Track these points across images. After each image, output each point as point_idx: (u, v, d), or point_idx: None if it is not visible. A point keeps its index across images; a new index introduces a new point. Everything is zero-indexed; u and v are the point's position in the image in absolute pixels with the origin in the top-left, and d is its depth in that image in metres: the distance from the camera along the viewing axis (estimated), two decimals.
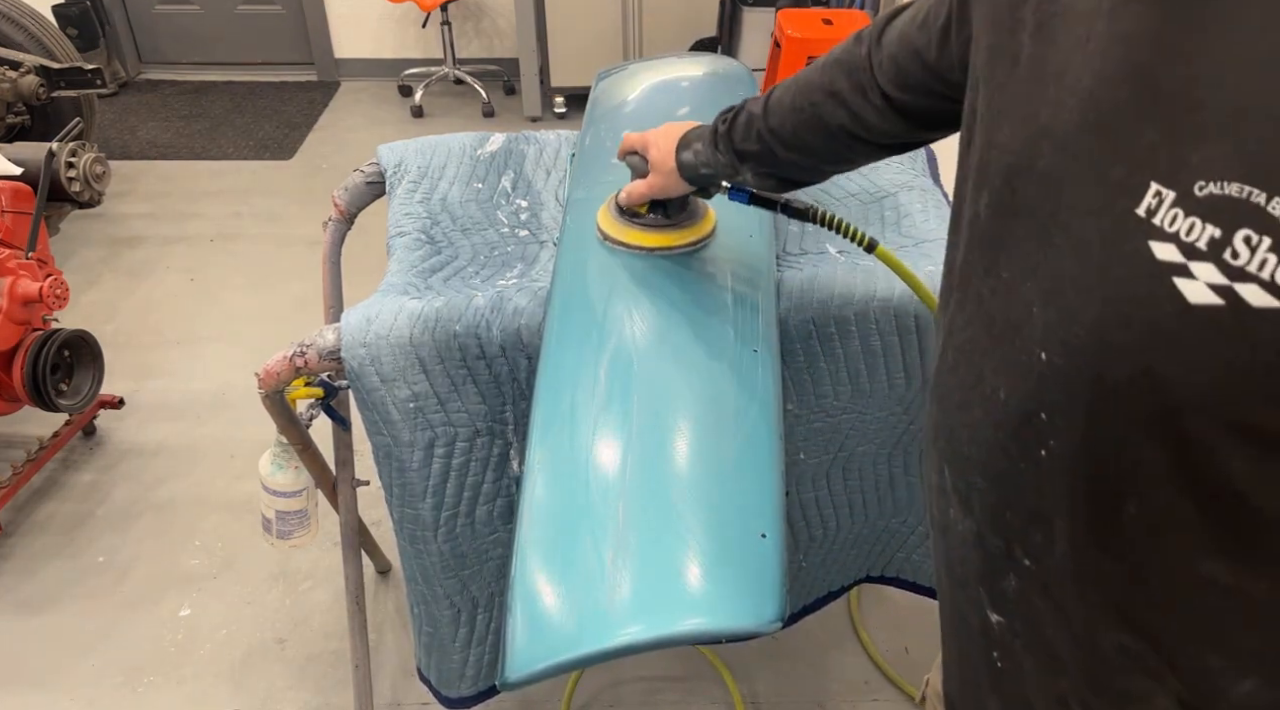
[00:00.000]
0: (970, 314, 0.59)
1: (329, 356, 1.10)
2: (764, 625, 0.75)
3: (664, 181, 1.03)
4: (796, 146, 0.90)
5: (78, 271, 2.97)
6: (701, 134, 0.98)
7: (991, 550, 0.59)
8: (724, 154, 0.95)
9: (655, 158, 1.02)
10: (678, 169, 1.00)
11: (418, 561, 1.21)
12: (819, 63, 0.88)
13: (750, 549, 0.80)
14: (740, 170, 0.96)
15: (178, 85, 4.47)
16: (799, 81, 0.89)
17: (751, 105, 0.94)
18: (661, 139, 1.02)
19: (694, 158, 0.99)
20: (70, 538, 2.03)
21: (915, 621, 1.84)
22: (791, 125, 0.88)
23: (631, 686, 1.71)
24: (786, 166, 0.93)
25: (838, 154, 0.90)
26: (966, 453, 0.60)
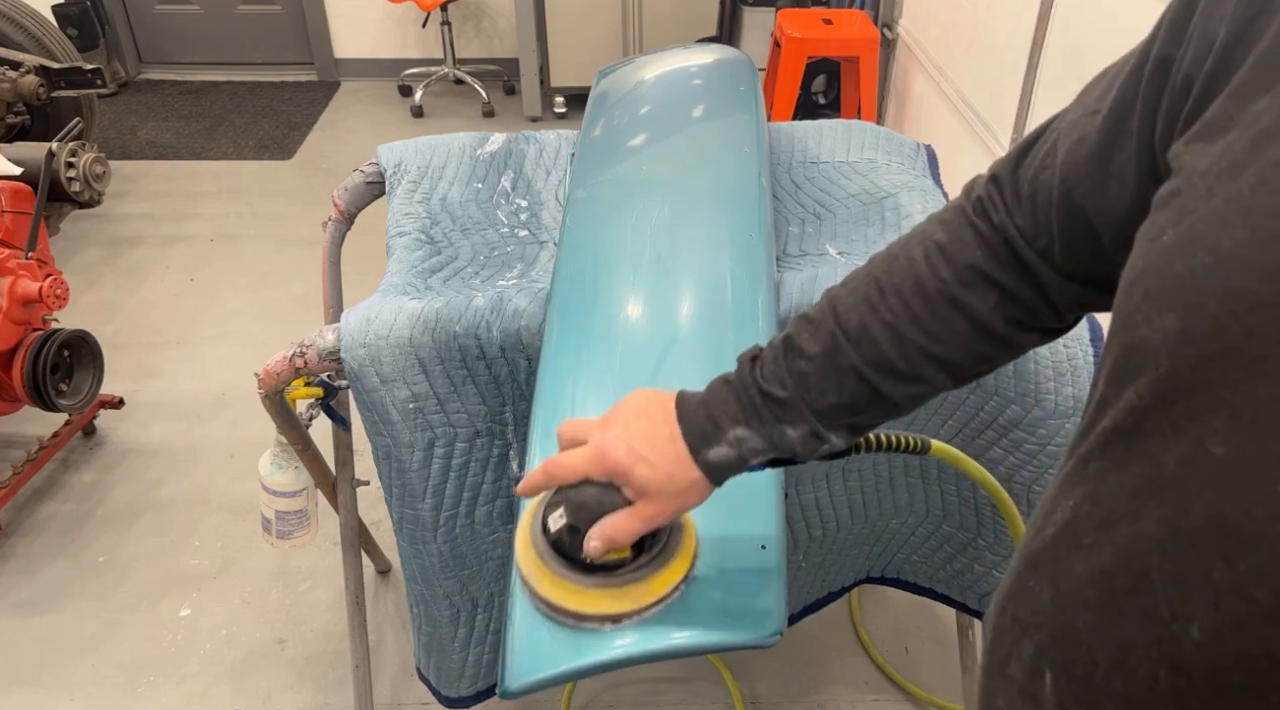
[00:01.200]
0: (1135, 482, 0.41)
1: (329, 357, 1.10)
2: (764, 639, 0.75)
3: (677, 503, 0.67)
4: (922, 372, 0.63)
5: (78, 271, 2.97)
6: (729, 411, 0.65)
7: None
8: (796, 425, 0.65)
9: (649, 479, 0.65)
10: (707, 476, 0.66)
11: (417, 562, 1.21)
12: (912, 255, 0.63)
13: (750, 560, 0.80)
14: (825, 435, 0.66)
15: (178, 85, 4.47)
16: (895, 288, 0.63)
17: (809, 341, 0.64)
18: (648, 446, 0.65)
19: (738, 451, 0.65)
20: (70, 538, 2.03)
21: (915, 622, 1.84)
22: (913, 345, 0.62)
23: (632, 687, 1.71)
24: (895, 402, 0.65)
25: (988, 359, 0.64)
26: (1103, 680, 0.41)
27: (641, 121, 1.41)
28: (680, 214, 1.18)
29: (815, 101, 3.79)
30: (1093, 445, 0.45)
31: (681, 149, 1.32)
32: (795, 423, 0.64)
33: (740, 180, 1.23)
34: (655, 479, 0.65)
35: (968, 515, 1.31)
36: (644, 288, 1.06)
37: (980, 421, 1.20)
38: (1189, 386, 0.38)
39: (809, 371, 0.64)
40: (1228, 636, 0.36)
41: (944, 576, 1.40)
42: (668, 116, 1.41)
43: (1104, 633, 0.41)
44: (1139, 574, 0.39)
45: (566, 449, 0.70)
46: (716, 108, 1.42)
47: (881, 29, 3.47)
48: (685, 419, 0.66)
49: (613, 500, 0.67)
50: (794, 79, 3.28)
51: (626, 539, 0.68)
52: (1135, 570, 0.40)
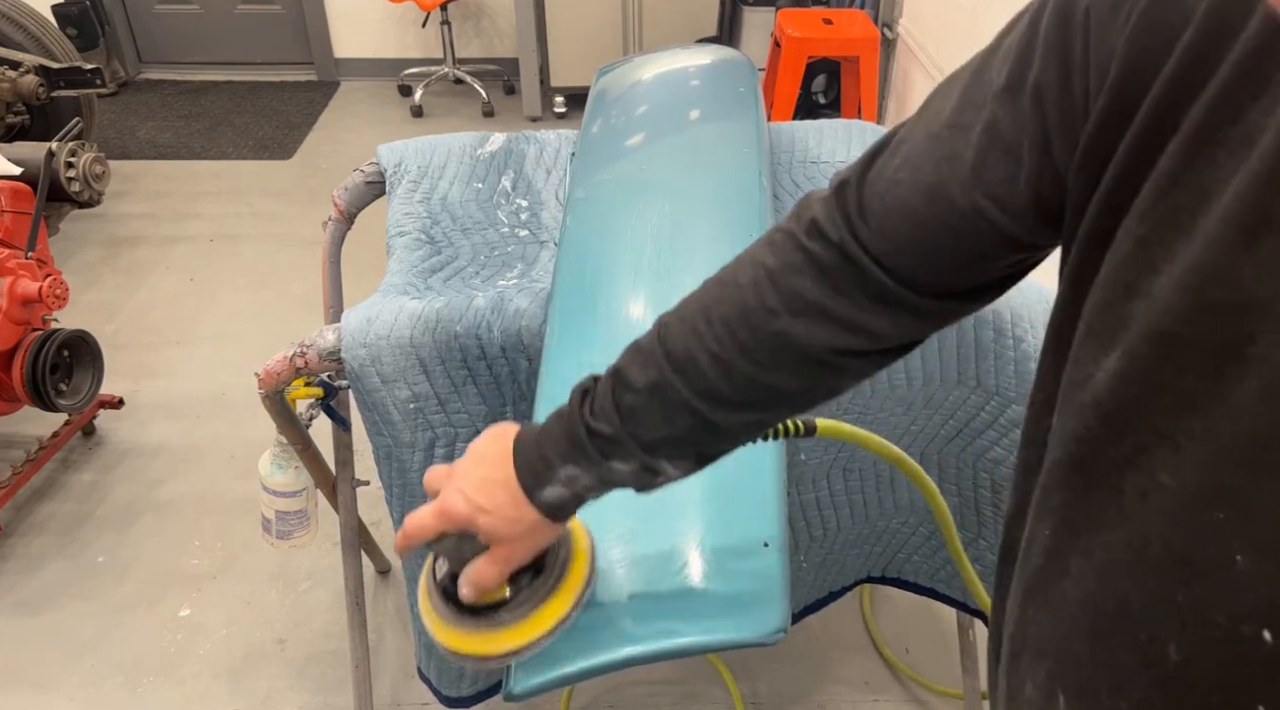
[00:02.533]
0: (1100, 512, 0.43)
1: (329, 357, 1.10)
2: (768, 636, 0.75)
3: (526, 545, 0.68)
4: (753, 400, 0.61)
5: (78, 271, 2.97)
6: (559, 449, 0.64)
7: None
8: (626, 460, 0.63)
9: (492, 525, 0.65)
10: (545, 516, 0.65)
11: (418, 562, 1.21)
12: (739, 281, 0.60)
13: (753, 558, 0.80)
14: (659, 468, 0.64)
15: (177, 85, 4.46)
16: (721, 317, 0.60)
17: (636, 373, 0.62)
18: (483, 494, 0.66)
19: (567, 490, 0.65)
20: (70, 538, 2.03)
21: (916, 622, 1.83)
22: (741, 376, 0.60)
23: (632, 688, 1.71)
24: (731, 432, 0.64)
25: (823, 387, 0.63)
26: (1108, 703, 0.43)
27: (641, 121, 1.41)
28: (681, 213, 1.18)
29: (815, 101, 3.79)
30: (1052, 477, 0.47)
31: (682, 149, 1.32)
32: (625, 458, 0.63)
33: (741, 180, 1.23)
34: (498, 525, 0.65)
35: (969, 515, 1.31)
36: (644, 287, 1.06)
37: (981, 422, 1.20)
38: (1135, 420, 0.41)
39: (636, 406, 0.61)
40: (1198, 658, 0.38)
41: (945, 576, 1.40)
42: (668, 116, 1.41)
43: (1100, 657, 0.43)
44: (1120, 600, 0.41)
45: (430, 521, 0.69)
46: (717, 107, 1.41)
47: (881, 29, 3.47)
48: (519, 460, 0.65)
49: (472, 547, 0.67)
50: (794, 79, 3.28)
51: (491, 583, 0.68)
52: (1117, 596, 0.42)
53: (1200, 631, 0.38)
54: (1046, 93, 0.47)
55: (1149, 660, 0.40)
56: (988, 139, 0.50)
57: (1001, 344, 1.17)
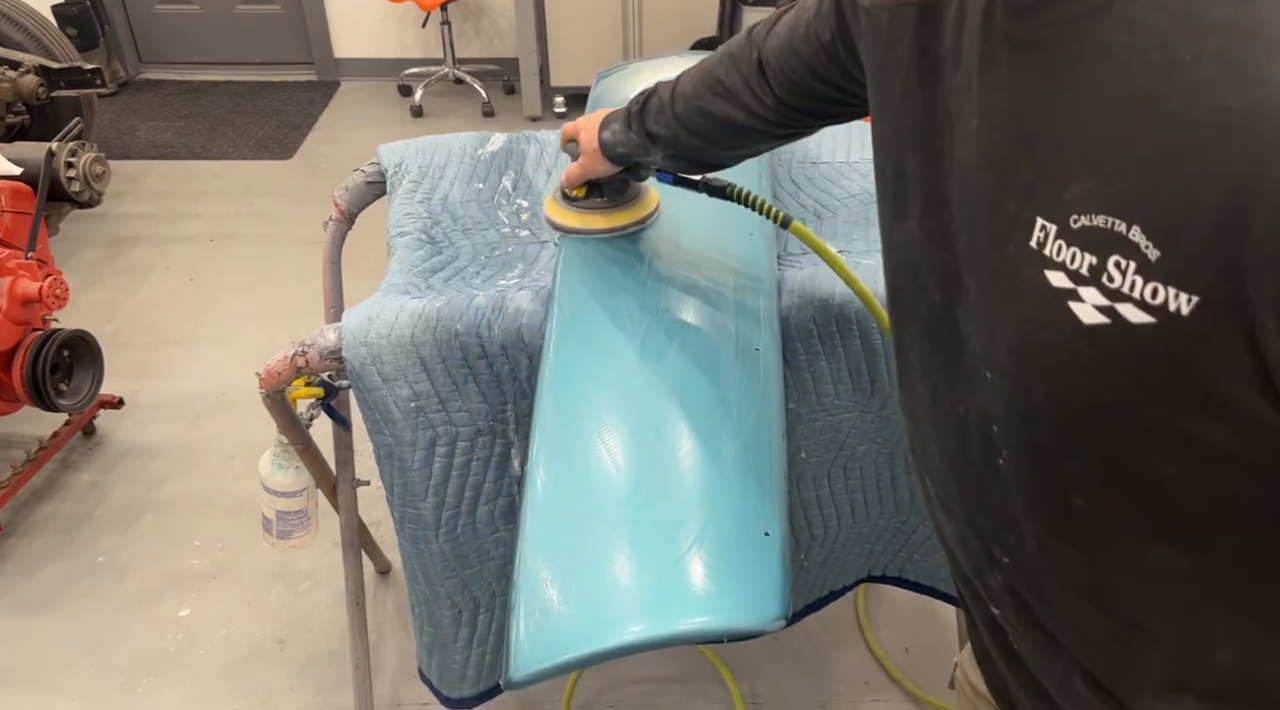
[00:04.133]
0: (913, 333, 0.63)
1: (330, 356, 1.10)
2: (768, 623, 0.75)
3: (592, 162, 1.07)
4: (698, 133, 0.94)
5: (78, 271, 2.97)
6: (618, 114, 1.03)
7: (974, 550, 0.63)
8: (636, 134, 0.99)
9: (583, 140, 1.06)
10: (600, 148, 1.05)
11: (419, 561, 1.21)
12: (720, 53, 0.92)
13: (753, 547, 0.80)
14: (651, 151, 1.00)
15: (178, 85, 4.46)
16: (702, 71, 0.93)
17: (662, 89, 0.97)
18: (589, 122, 1.07)
19: (611, 137, 1.03)
20: (70, 538, 2.03)
21: (916, 622, 1.83)
22: (693, 113, 0.93)
23: (632, 687, 1.71)
24: (692, 151, 0.98)
25: (735, 142, 0.95)
26: (938, 464, 0.63)
27: None
28: (679, 212, 1.19)
29: None
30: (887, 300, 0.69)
31: None
32: (637, 132, 0.99)
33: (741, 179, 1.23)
34: (584, 141, 1.07)
35: None
36: (645, 286, 1.06)
37: None
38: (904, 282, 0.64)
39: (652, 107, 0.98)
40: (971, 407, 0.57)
41: (945, 575, 1.40)
42: None
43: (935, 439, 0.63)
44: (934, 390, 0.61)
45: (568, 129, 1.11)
46: None
47: None
48: (604, 117, 1.05)
49: (574, 154, 1.10)
50: None
51: (574, 178, 1.11)
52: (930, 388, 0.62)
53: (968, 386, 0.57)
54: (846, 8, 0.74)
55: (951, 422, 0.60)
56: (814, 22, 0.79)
57: None
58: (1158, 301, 0.42)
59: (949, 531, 0.66)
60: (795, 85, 0.83)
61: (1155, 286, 0.42)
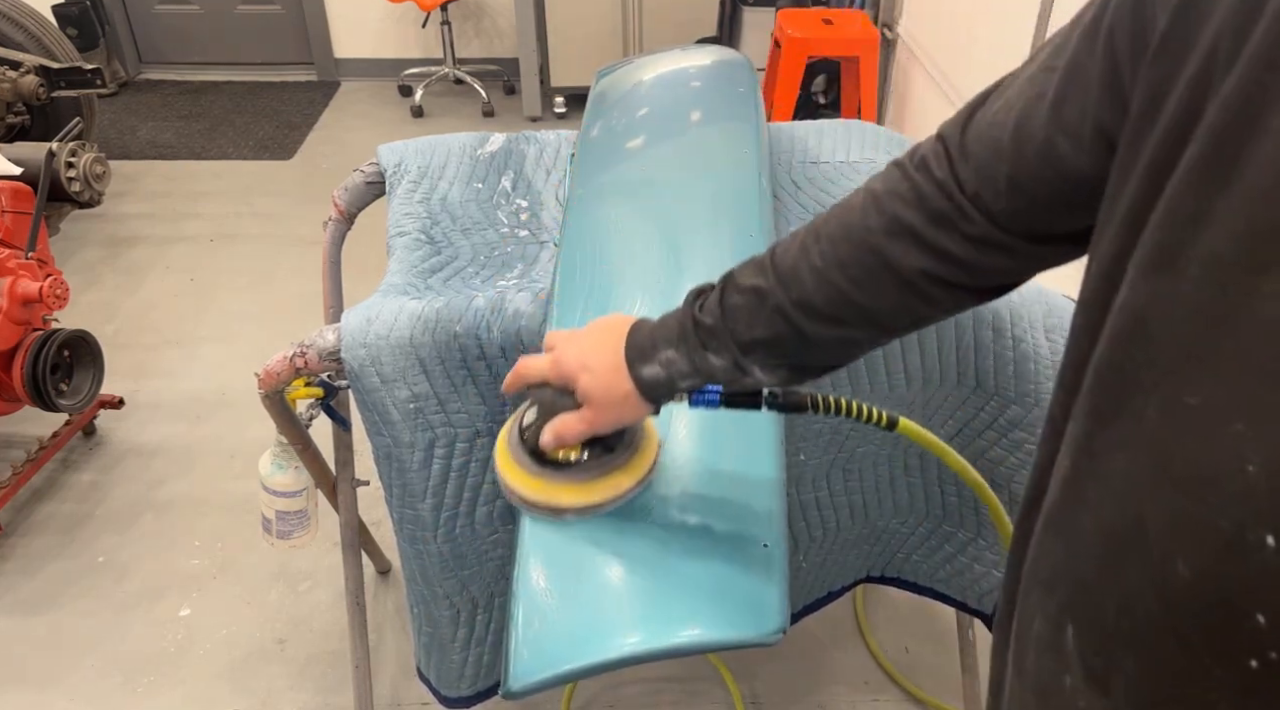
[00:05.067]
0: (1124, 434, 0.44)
1: (329, 357, 1.10)
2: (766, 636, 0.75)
3: (612, 414, 0.75)
4: (844, 316, 0.65)
5: (78, 271, 2.97)
6: (667, 334, 0.72)
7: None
8: (720, 354, 0.69)
9: (591, 386, 0.74)
10: (639, 392, 0.73)
11: (417, 562, 1.21)
12: (851, 204, 0.66)
13: (752, 559, 0.80)
14: (748, 369, 0.70)
15: (178, 85, 4.47)
16: (824, 232, 0.66)
17: (746, 279, 0.69)
18: (594, 356, 0.74)
19: (665, 371, 0.72)
20: (70, 538, 2.03)
21: (915, 622, 1.84)
22: (835, 289, 0.64)
23: (632, 687, 1.71)
24: (821, 347, 0.69)
25: (904, 311, 0.65)
26: (1113, 624, 0.44)
27: (641, 121, 1.41)
28: (680, 214, 1.18)
29: (815, 101, 3.79)
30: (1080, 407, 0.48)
31: (681, 149, 1.32)
32: (719, 351, 0.69)
33: (740, 180, 1.23)
34: (596, 386, 0.74)
35: (968, 515, 1.31)
36: (644, 288, 1.06)
37: (980, 422, 1.20)
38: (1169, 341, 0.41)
39: (739, 305, 0.68)
40: (1206, 570, 0.39)
41: (944, 576, 1.40)
42: (668, 117, 1.41)
43: (1110, 581, 0.44)
44: (1135, 521, 0.42)
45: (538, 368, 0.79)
46: (716, 108, 1.42)
47: (881, 29, 3.47)
48: (630, 339, 0.74)
49: (565, 403, 0.76)
50: (794, 79, 3.28)
51: (572, 438, 0.77)
52: (1131, 518, 0.43)
53: (1211, 546, 0.38)
54: (1119, 25, 0.48)
55: (1158, 578, 0.41)
56: (1067, 75, 0.52)
57: (1001, 344, 1.17)
58: None
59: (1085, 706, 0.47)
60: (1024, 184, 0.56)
61: None
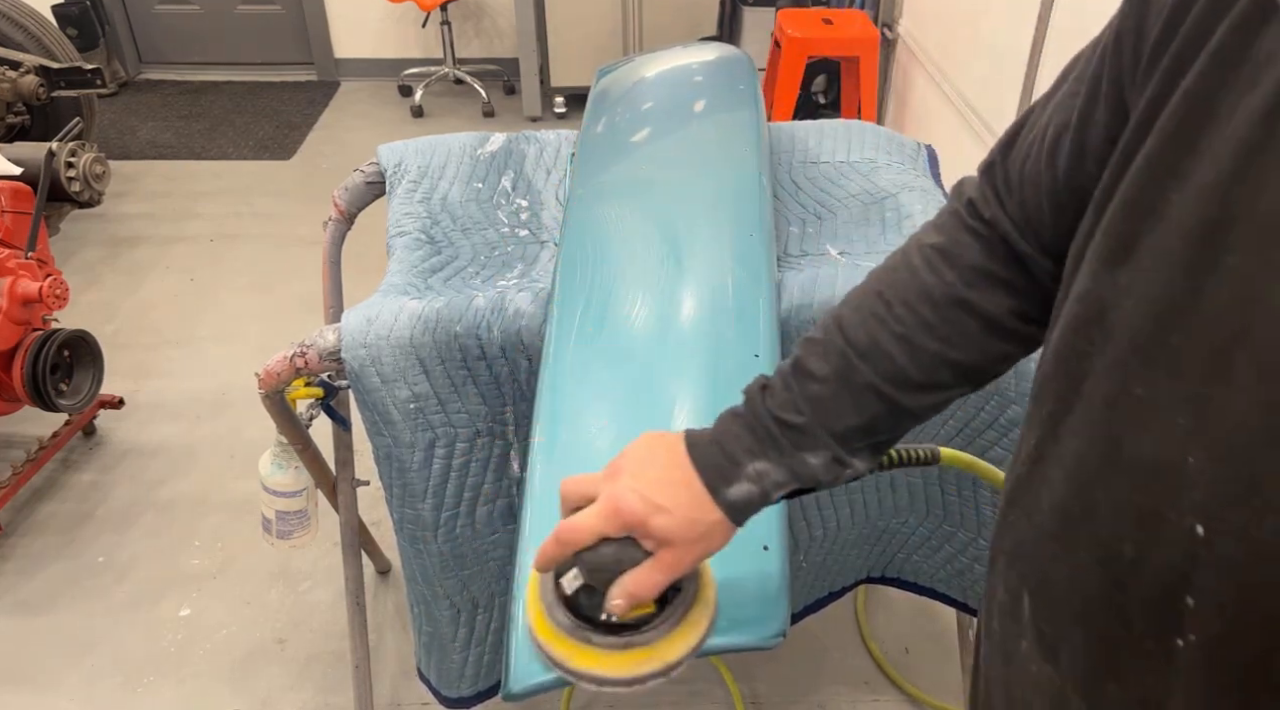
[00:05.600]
0: (1080, 422, 0.46)
1: (329, 357, 1.10)
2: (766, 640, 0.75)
3: (702, 549, 0.62)
4: (941, 380, 0.62)
5: (78, 271, 2.97)
6: (746, 445, 0.62)
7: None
8: (816, 452, 0.61)
9: (670, 527, 0.60)
10: (729, 516, 0.62)
11: (418, 562, 1.21)
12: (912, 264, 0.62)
13: (752, 561, 0.80)
14: (847, 461, 0.63)
15: (178, 85, 4.47)
16: (901, 299, 0.61)
17: (817, 362, 0.62)
18: (662, 493, 0.60)
19: (759, 486, 0.62)
20: (70, 538, 2.03)
21: (916, 622, 1.83)
22: (927, 354, 0.60)
23: None
24: (918, 416, 0.64)
25: (1007, 358, 0.63)
26: (1064, 598, 0.47)
27: (642, 121, 1.41)
28: (681, 214, 1.18)
29: (815, 101, 3.79)
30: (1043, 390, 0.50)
31: (682, 149, 1.32)
32: (815, 449, 0.61)
33: (740, 180, 1.23)
34: (675, 527, 0.60)
35: (968, 515, 1.31)
36: (644, 288, 1.06)
37: (981, 422, 1.20)
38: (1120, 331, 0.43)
39: (824, 395, 0.61)
40: (1148, 554, 0.42)
41: (944, 576, 1.40)
42: (668, 116, 1.41)
43: (1062, 557, 0.47)
44: (1087, 502, 0.45)
45: (573, 508, 0.63)
46: (717, 107, 1.42)
47: (881, 29, 3.47)
48: (699, 459, 0.62)
49: (632, 556, 0.61)
50: (794, 79, 3.28)
51: (651, 593, 0.62)
52: (1085, 500, 0.45)
53: (1154, 531, 0.41)
54: (1125, 36, 0.48)
55: (1106, 558, 0.44)
56: (1088, 97, 0.52)
57: None
58: None
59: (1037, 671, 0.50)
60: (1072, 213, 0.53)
61: None
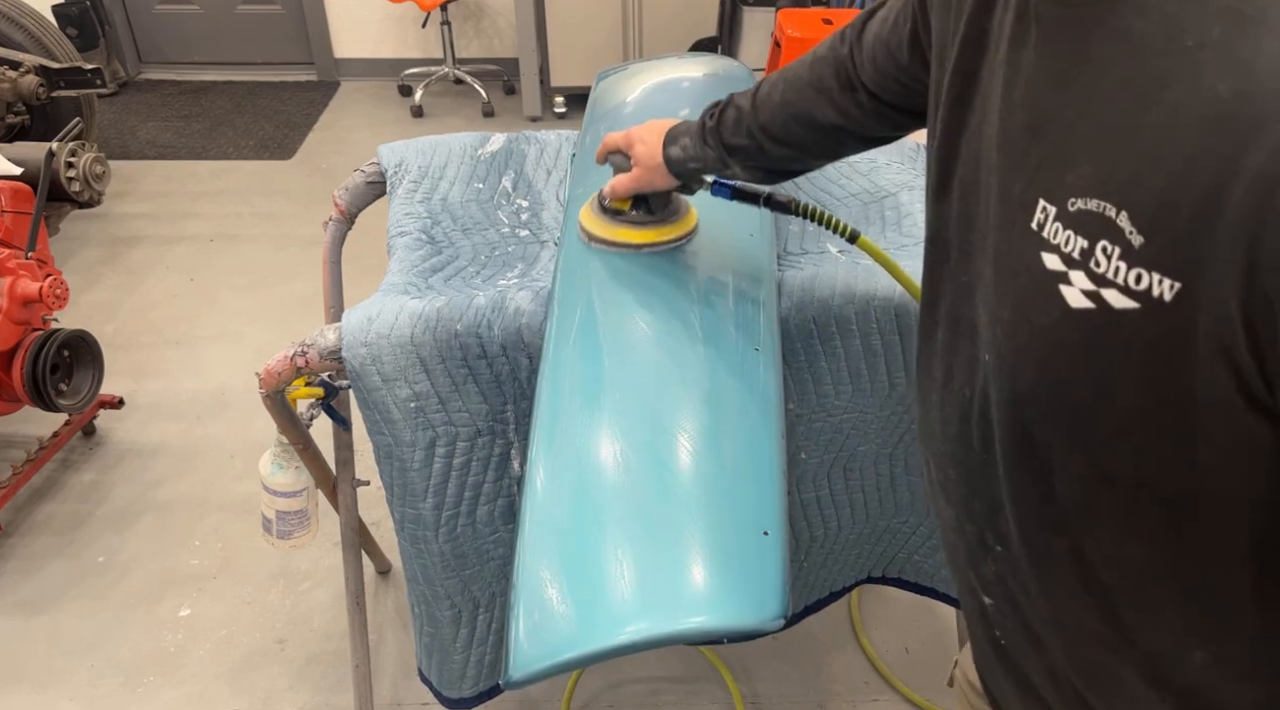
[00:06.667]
0: (942, 313, 0.63)
1: (330, 356, 1.10)
2: (767, 622, 0.75)
3: (650, 176, 1.03)
4: (786, 141, 0.92)
5: (78, 271, 2.97)
6: (689, 129, 0.99)
7: (970, 537, 0.63)
8: (713, 149, 0.97)
9: (641, 153, 1.03)
10: (665, 163, 1.01)
11: (418, 561, 1.21)
12: (807, 58, 0.91)
13: (752, 546, 0.80)
14: (729, 164, 0.97)
15: (178, 85, 4.46)
16: (787, 78, 0.91)
17: (739, 100, 0.95)
18: (647, 134, 1.03)
19: (682, 153, 1.00)
20: (70, 538, 2.03)
21: (916, 622, 1.83)
22: (781, 121, 0.91)
23: (631, 687, 1.71)
24: (776, 160, 0.96)
25: (826, 148, 0.93)
26: (941, 447, 0.64)
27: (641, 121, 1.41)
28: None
29: None
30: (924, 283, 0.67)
31: None
32: (713, 147, 0.97)
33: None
34: (642, 154, 1.02)
35: None
36: (644, 286, 1.06)
37: None
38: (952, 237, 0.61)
39: (729, 118, 0.95)
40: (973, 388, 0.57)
41: (944, 576, 1.40)
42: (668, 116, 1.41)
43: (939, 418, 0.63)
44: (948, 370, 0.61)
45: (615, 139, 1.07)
46: None
47: None
48: (671, 128, 1.02)
49: (622, 165, 1.06)
50: None
51: (622, 191, 1.06)
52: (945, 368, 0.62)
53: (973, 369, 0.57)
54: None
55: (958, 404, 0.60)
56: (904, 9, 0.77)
57: None
58: (1140, 287, 0.42)
59: (947, 516, 0.66)
60: (884, 77, 0.82)
61: (1139, 272, 0.42)
